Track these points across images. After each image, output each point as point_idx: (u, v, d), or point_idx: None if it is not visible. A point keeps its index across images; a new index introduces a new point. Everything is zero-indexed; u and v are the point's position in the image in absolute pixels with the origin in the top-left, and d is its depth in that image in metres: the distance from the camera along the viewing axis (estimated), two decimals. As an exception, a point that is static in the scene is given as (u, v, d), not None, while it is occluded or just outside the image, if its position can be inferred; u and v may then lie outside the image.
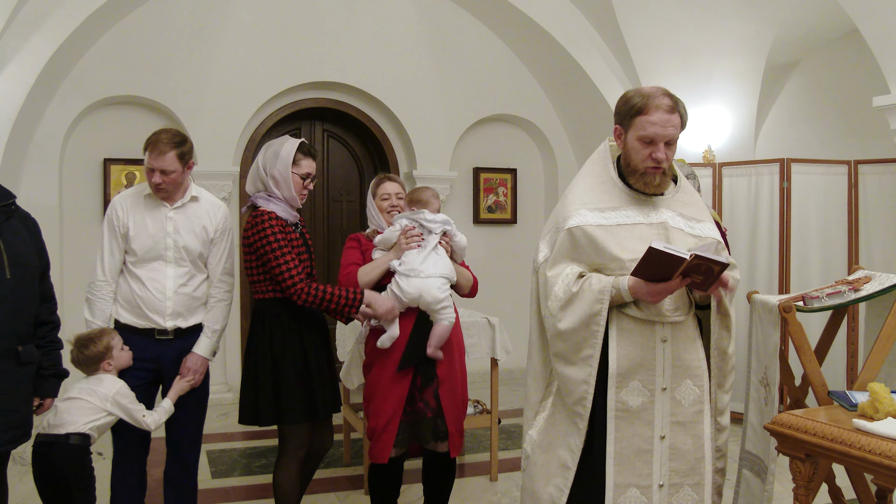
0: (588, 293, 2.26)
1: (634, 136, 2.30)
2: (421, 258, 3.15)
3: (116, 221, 3.06)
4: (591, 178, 2.44)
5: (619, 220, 2.34)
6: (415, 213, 3.28)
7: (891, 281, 2.76)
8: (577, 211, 2.35)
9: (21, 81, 5.06)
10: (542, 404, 2.47)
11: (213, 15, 5.97)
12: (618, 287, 2.24)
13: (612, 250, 2.29)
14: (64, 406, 2.86)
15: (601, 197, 2.38)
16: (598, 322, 2.27)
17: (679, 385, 2.32)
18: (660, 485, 2.29)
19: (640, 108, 2.28)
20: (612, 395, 2.29)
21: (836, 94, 6.41)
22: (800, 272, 5.23)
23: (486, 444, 4.82)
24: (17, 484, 4.10)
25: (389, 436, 3.10)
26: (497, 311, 5.65)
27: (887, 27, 4.69)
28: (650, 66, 6.14)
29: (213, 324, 3.16)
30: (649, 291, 2.20)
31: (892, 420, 2.21)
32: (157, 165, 2.97)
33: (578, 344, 2.29)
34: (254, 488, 4.15)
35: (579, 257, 2.33)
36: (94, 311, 3.07)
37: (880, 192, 5.22)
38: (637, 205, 2.38)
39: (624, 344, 2.29)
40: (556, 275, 2.33)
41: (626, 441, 2.29)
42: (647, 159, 2.31)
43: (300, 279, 2.93)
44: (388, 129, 6.74)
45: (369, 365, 3.21)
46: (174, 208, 3.09)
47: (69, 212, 5.86)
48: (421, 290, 3.10)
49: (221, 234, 3.18)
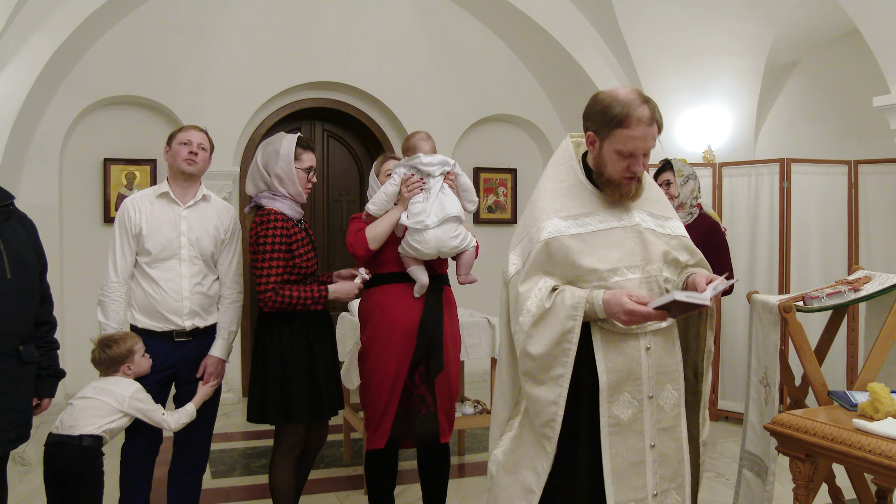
0: (561, 309, 2.14)
1: (612, 148, 2.17)
2: (428, 206, 3.11)
3: (129, 222, 3.05)
4: (559, 182, 2.32)
5: (594, 227, 2.22)
6: (410, 160, 3.20)
7: (891, 281, 2.76)
8: (549, 220, 2.23)
9: (21, 81, 5.07)
10: (509, 423, 2.35)
11: (213, 15, 5.97)
12: (591, 302, 2.12)
13: (589, 262, 2.18)
14: (80, 405, 2.85)
15: (572, 203, 2.26)
16: (571, 340, 2.14)
17: (662, 391, 2.25)
18: (654, 494, 2.23)
19: (620, 120, 2.14)
20: (604, 410, 2.18)
21: (836, 94, 6.41)
22: (800, 272, 5.23)
23: (485, 444, 4.82)
24: (17, 484, 4.10)
25: (387, 423, 3.11)
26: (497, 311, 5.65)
27: (887, 27, 4.69)
28: (650, 66, 6.14)
29: (229, 325, 3.18)
30: (626, 311, 2.07)
31: (892, 420, 2.20)
32: (196, 139, 3.10)
33: (549, 363, 2.17)
34: (254, 488, 4.15)
35: (553, 270, 2.21)
36: (107, 313, 3.05)
37: (880, 192, 5.22)
38: (609, 207, 2.27)
39: (611, 356, 2.19)
40: (529, 289, 2.20)
41: (620, 456, 2.20)
42: (623, 171, 2.20)
43: (271, 287, 2.94)
44: (388, 129, 6.74)
45: (365, 353, 3.20)
46: (187, 207, 3.11)
47: (69, 212, 5.86)
48: (437, 247, 3.09)
49: (231, 235, 3.21)
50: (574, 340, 2.15)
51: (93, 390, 2.90)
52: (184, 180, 3.12)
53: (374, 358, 3.14)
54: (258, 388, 3.05)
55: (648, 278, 2.23)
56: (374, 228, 3.13)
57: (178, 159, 3.09)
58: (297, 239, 3.01)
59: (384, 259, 3.17)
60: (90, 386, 2.93)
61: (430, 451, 3.31)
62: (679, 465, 2.29)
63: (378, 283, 3.20)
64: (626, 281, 2.20)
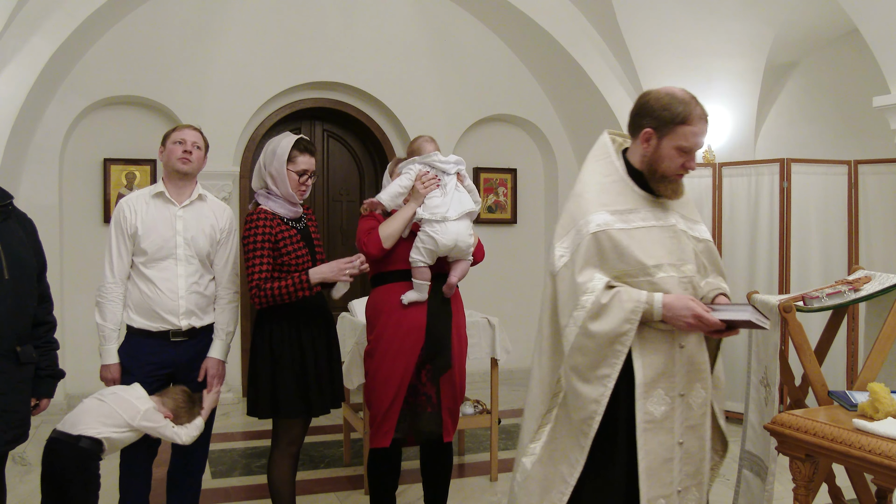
0: (618, 310, 2.18)
1: (672, 144, 2.25)
2: (447, 200, 3.13)
3: (124, 222, 3.05)
4: (603, 176, 2.35)
5: (637, 224, 2.27)
6: (427, 157, 3.21)
7: (891, 281, 2.76)
8: (596, 213, 2.27)
9: (21, 81, 5.06)
10: (546, 416, 2.36)
11: (213, 15, 5.97)
12: (651, 304, 2.17)
13: (638, 256, 2.23)
14: (88, 406, 2.84)
15: (616, 198, 2.31)
16: (624, 343, 2.19)
17: (691, 390, 2.31)
18: (678, 491, 2.28)
19: (684, 117, 2.23)
20: (640, 405, 2.22)
21: (836, 94, 6.41)
22: (800, 272, 5.23)
23: (486, 444, 4.82)
24: (17, 484, 4.10)
25: (391, 421, 3.11)
26: (497, 311, 5.65)
27: (887, 27, 4.69)
28: (650, 66, 6.14)
29: (227, 326, 3.17)
30: (695, 314, 2.14)
31: (892, 420, 2.21)
32: (190, 138, 3.08)
33: (598, 361, 2.20)
34: (254, 488, 4.15)
35: (603, 264, 2.24)
36: (104, 314, 3.04)
37: (880, 192, 5.22)
38: (650, 206, 2.33)
39: (648, 353, 2.24)
40: (585, 282, 2.22)
41: (654, 453, 2.24)
42: (679, 168, 2.28)
43: (255, 283, 2.94)
44: (388, 129, 6.74)
45: (371, 351, 3.20)
46: (183, 206, 3.10)
47: (69, 212, 5.86)
48: (456, 238, 3.11)
49: (227, 235, 3.20)
50: (627, 344, 2.20)
51: (111, 396, 2.87)
52: (179, 180, 3.11)
53: (380, 356, 3.14)
54: (251, 385, 3.09)
55: (683, 278, 2.29)
56: (387, 227, 3.13)
57: (172, 158, 3.08)
58: (284, 237, 3.01)
59: (391, 257, 3.17)
60: (109, 389, 2.93)
61: (432, 450, 3.32)
62: (701, 463, 2.34)
63: (385, 282, 3.21)
64: (669, 278, 2.26)
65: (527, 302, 7.14)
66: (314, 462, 4.59)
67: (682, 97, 2.26)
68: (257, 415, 3.06)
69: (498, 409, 4.32)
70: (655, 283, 2.24)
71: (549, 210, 7.20)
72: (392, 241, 3.12)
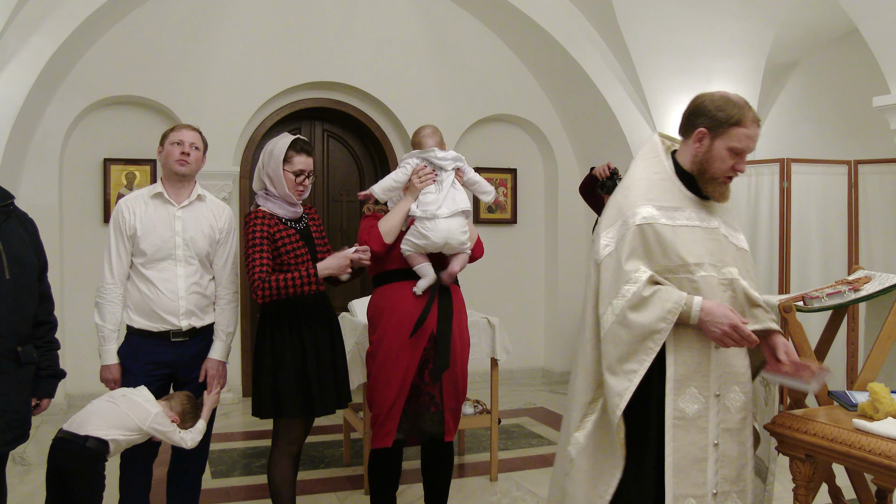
0: (657, 307, 2.19)
1: (726, 145, 2.28)
2: (441, 197, 3.13)
3: (123, 223, 3.04)
4: (651, 173, 2.40)
5: (682, 222, 2.31)
6: (424, 152, 3.22)
7: (891, 281, 2.76)
8: (643, 206, 2.31)
9: (21, 81, 5.06)
10: (590, 405, 2.36)
11: (213, 15, 5.97)
12: (689, 305, 2.19)
13: (680, 252, 2.26)
14: (98, 407, 2.84)
15: (663, 195, 2.35)
16: (657, 341, 2.20)
17: (728, 391, 2.31)
18: (714, 493, 2.27)
19: (738, 119, 2.27)
20: (670, 401, 2.24)
21: (836, 94, 6.41)
22: (800, 272, 5.23)
23: (486, 444, 4.82)
24: (17, 484, 4.10)
25: (393, 422, 3.11)
26: (497, 311, 5.66)
27: (887, 27, 4.68)
28: (650, 67, 6.14)
29: (227, 326, 3.17)
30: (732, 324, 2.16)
31: (892, 420, 2.21)
32: (188, 139, 3.06)
33: (627, 355, 2.22)
34: (254, 488, 4.15)
35: (648, 257, 2.28)
36: (104, 315, 3.03)
37: (880, 192, 5.22)
38: (695, 207, 2.36)
39: (681, 350, 2.26)
40: (630, 271, 2.25)
41: (682, 450, 2.25)
42: (729, 170, 2.31)
43: (257, 276, 2.92)
44: (388, 129, 6.74)
45: (374, 351, 3.20)
46: (181, 207, 3.09)
47: (69, 212, 5.86)
48: (446, 236, 3.10)
49: (226, 235, 3.19)
50: (659, 343, 2.21)
51: (123, 399, 2.87)
52: (177, 180, 3.10)
53: (383, 356, 3.14)
54: (253, 384, 3.09)
55: (724, 280, 2.31)
56: (386, 222, 3.13)
57: (170, 160, 3.07)
58: (282, 237, 3.00)
59: (392, 255, 3.17)
60: (121, 390, 2.93)
61: (433, 450, 3.32)
62: (742, 470, 2.32)
63: (387, 281, 3.21)
64: (709, 278, 2.28)
65: (527, 302, 7.14)
66: (314, 462, 4.59)
67: (736, 100, 2.30)
68: (260, 415, 3.06)
69: (498, 409, 4.33)
70: (696, 281, 2.26)
71: (548, 210, 7.20)
72: (393, 235, 3.12)
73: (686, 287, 2.26)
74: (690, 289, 2.26)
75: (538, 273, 7.21)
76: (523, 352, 6.99)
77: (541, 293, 7.24)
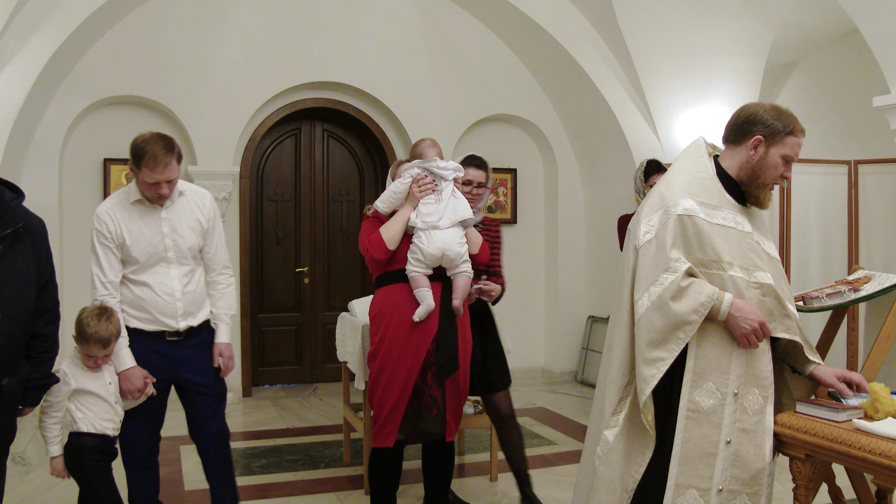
0: (692, 298, 2.25)
1: (780, 152, 2.39)
2: (441, 208, 3.14)
3: (109, 234, 2.96)
4: (695, 170, 2.47)
5: (719, 221, 2.38)
6: (425, 162, 3.23)
7: (891, 281, 2.76)
8: (685, 199, 2.37)
9: (21, 81, 5.06)
10: (627, 388, 2.40)
11: (213, 15, 5.97)
12: (721, 300, 2.26)
13: (714, 246, 2.33)
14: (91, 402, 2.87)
15: (704, 192, 2.41)
16: (686, 331, 2.27)
17: (748, 392, 2.34)
18: (719, 489, 2.30)
19: (792, 129, 2.39)
20: (685, 392, 2.30)
21: (836, 94, 6.41)
22: (800, 272, 5.24)
23: (486, 444, 4.82)
24: (17, 484, 4.09)
25: (394, 422, 3.12)
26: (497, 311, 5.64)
27: (887, 27, 4.68)
28: (650, 66, 6.14)
29: (229, 310, 3.21)
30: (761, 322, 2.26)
31: (892, 420, 2.21)
32: (165, 177, 2.89)
33: (657, 342, 2.28)
34: (254, 488, 4.15)
35: (686, 247, 2.34)
36: None
37: (880, 192, 5.22)
38: (732, 210, 2.42)
39: (704, 344, 2.31)
40: (675, 259, 2.31)
41: (692, 442, 2.30)
42: (778, 177, 2.41)
43: None
44: (388, 129, 6.74)
45: (375, 352, 3.21)
46: (166, 208, 3.02)
47: (69, 212, 5.86)
48: (443, 248, 3.10)
49: (213, 222, 3.15)
50: (689, 334, 2.27)
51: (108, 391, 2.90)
52: None
53: (384, 357, 3.14)
54: None
55: (752, 283, 2.36)
56: (388, 230, 3.14)
57: (147, 192, 2.95)
58: None
59: (394, 257, 3.18)
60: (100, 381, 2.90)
61: (434, 450, 3.32)
62: (758, 473, 2.33)
63: (388, 282, 3.21)
64: (739, 278, 2.33)
65: (527, 302, 7.14)
66: (314, 462, 4.59)
67: (787, 111, 2.44)
68: None
69: (498, 409, 4.32)
70: (726, 279, 2.32)
71: (548, 210, 7.20)
72: (395, 242, 3.13)
73: (716, 282, 2.32)
74: (719, 285, 2.32)
75: (538, 273, 7.21)
76: (523, 352, 6.98)
77: (541, 293, 7.24)
